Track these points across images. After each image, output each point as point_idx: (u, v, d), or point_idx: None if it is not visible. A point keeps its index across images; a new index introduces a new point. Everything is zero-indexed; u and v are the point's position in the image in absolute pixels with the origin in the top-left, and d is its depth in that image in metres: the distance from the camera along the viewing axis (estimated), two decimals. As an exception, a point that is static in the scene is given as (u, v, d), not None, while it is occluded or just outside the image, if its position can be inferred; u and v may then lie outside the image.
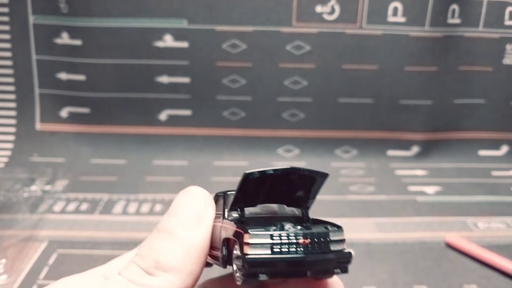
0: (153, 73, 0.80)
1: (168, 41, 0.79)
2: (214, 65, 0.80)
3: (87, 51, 0.79)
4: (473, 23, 0.80)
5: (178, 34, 0.78)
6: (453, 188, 0.75)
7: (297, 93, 0.82)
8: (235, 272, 0.25)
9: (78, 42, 0.79)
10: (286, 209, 0.29)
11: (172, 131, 0.83)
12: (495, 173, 0.81)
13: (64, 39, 0.79)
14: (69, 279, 0.27)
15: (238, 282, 0.25)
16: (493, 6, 0.80)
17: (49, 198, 0.68)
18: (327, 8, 0.78)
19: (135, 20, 0.78)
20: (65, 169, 0.76)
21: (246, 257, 0.24)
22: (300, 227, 0.26)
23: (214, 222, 0.28)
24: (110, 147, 0.82)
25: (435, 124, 0.85)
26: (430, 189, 0.74)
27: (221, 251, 0.27)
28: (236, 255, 0.25)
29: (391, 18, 0.79)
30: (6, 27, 0.79)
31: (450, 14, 0.79)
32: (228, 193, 0.29)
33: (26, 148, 0.80)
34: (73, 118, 0.82)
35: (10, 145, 0.80)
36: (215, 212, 0.29)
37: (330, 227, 0.26)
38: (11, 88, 0.81)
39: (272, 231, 0.24)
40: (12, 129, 0.81)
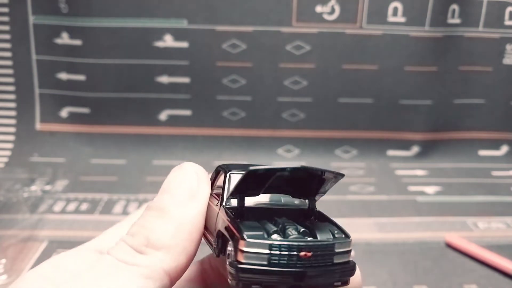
0: (153, 73, 0.80)
1: (168, 41, 0.79)
2: (214, 65, 0.80)
3: (87, 51, 0.79)
4: (473, 23, 0.80)
5: (178, 34, 0.78)
6: (453, 188, 0.75)
7: (297, 93, 0.82)
8: (227, 270, 0.23)
9: (78, 42, 0.79)
10: (291, 200, 0.27)
11: (172, 131, 0.83)
12: (495, 173, 0.81)
13: (64, 39, 0.79)
14: (61, 258, 0.25)
15: (229, 282, 0.23)
16: (493, 6, 0.80)
17: (49, 198, 0.68)
18: (327, 8, 0.78)
19: (135, 20, 0.77)
20: (65, 169, 0.76)
21: (239, 266, 0.22)
22: (303, 230, 0.23)
23: (211, 200, 0.27)
24: (110, 147, 0.82)
25: (435, 124, 0.85)
26: (430, 189, 0.74)
27: (216, 242, 0.25)
28: (230, 261, 0.23)
29: (391, 18, 0.79)
30: (6, 27, 0.79)
31: (450, 14, 0.79)
32: (231, 173, 0.27)
33: (26, 148, 0.80)
34: (73, 118, 0.82)
35: (10, 145, 0.80)
36: (214, 186, 0.28)
37: (337, 234, 0.24)
38: (11, 88, 0.81)
39: (271, 240, 0.22)
40: (12, 129, 0.81)
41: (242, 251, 0.22)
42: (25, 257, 0.54)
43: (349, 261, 0.24)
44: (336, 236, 0.24)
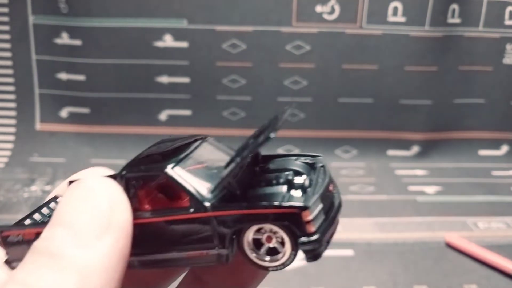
0: (153, 73, 0.80)
1: (168, 41, 0.79)
2: (214, 65, 0.80)
3: (87, 51, 0.79)
4: (473, 23, 0.80)
5: (178, 34, 0.78)
6: (453, 188, 0.75)
7: (297, 93, 0.81)
8: (302, 252, 0.20)
9: (78, 42, 0.79)
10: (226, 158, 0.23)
11: (172, 131, 0.83)
12: (495, 173, 0.81)
13: (64, 39, 0.79)
14: None
15: (308, 262, 0.21)
16: (493, 6, 0.80)
17: (49, 198, 0.67)
18: (327, 8, 0.78)
19: (135, 20, 0.77)
20: (65, 169, 0.76)
21: (315, 239, 0.20)
22: (295, 171, 0.23)
23: (150, 218, 0.21)
24: (110, 147, 0.82)
25: (435, 124, 0.84)
26: (430, 189, 0.74)
27: (226, 247, 0.21)
28: (300, 241, 0.20)
29: (391, 18, 0.79)
30: (6, 27, 0.79)
31: (450, 14, 0.79)
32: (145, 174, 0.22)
33: (26, 148, 0.80)
34: (73, 118, 0.82)
35: (10, 145, 0.80)
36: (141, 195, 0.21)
37: (319, 163, 0.24)
38: (11, 88, 0.81)
39: (316, 193, 0.21)
40: (12, 129, 0.81)
41: (309, 221, 0.20)
42: (25, 257, 0.54)
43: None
44: (323, 167, 0.24)
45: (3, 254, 0.23)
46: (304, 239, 0.20)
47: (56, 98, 0.82)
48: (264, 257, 0.21)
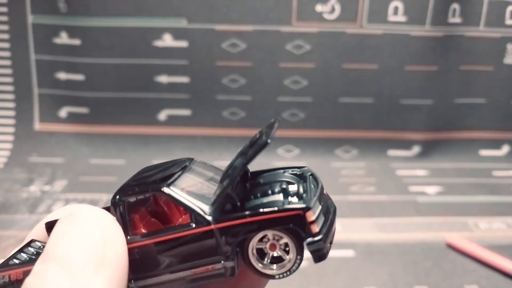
0: (153, 73, 0.80)
1: (168, 41, 0.78)
2: (214, 65, 0.80)
3: (86, 51, 0.79)
4: (474, 22, 0.80)
5: (178, 34, 0.78)
6: (454, 188, 0.75)
7: (297, 93, 0.81)
8: (311, 253, 0.21)
9: (77, 42, 0.78)
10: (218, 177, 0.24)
11: (172, 131, 0.82)
12: (496, 173, 0.81)
13: (63, 39, 0.79)
14: None
15: (316, 262, 0.21)
16: (494, 5, 0.79)
17: (48, 199, 0.67)
18: (327, 7, 0.78)
19: (134, 20, 0.77)
20: (64, 169, 0.76)
21: (320, 237, 0.20)
22: (298, 180, 0.23)
23: (149, 240, 0.20)
24: (109, 147, 0.81)
25: (436, 124, 0.84)
26: (431, 189, 0.74)
27: (232, 259, 0.21)
28: (307, 242, 0.20)
29: (392, 18, 0.78)
30: (5, 27, 0.79)
31: (451, 13, 0.79)
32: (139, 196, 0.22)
33: (25, 148, 0.80)
34: (72, 118, 0.82)
35: (9, 145, 0.80)
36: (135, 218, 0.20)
37: (307, 172, 0.24)
38: (10, 88, 0.81)
39: (315, 197, 0.21)
40: (11, 129, 0.81)
41: (313, 221, 0.20)
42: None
43: None
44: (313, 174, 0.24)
45: None
46: (310, 240, 0.20)
47: (55, 98, 0.81)
48: (270, 266, 0.21)
